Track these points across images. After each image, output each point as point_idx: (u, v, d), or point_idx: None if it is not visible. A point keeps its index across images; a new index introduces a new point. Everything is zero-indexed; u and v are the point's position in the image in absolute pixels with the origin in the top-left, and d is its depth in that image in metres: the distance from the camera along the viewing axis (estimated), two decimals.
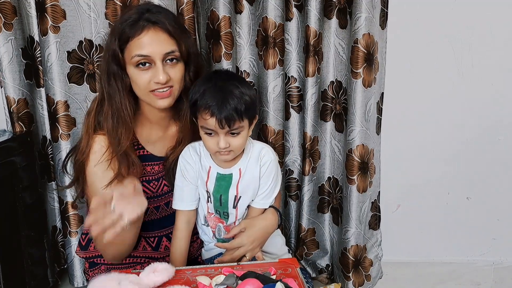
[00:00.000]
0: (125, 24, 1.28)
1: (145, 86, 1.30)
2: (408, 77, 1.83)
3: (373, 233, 1.91)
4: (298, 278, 1.23)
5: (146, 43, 1.27)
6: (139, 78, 1.30)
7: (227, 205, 1.39)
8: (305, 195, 1.86)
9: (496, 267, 2.04)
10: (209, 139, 1.29)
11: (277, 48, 1.71)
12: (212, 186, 1.37)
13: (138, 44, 1.27)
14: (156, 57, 1.28)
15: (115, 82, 1.32)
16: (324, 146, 1.85)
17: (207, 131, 1.28)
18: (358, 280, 1.87)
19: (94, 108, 1.37)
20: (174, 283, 1.20)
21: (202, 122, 1.27)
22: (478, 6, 1.77)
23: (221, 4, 1.66)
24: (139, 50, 1.27)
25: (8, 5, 1.61)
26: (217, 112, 1.23)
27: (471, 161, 1.93)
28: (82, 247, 1.51)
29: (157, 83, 1.29)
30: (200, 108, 1.26)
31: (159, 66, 1.28)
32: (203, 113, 1.25)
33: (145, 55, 1.28)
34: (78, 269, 1.83)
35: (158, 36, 1.28)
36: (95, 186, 1.34)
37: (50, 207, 1.82)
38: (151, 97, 1.32)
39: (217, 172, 1.37)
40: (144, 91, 1.31)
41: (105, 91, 1.34)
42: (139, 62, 1.29)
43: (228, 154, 1.31)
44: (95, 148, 1.34)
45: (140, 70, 1.29)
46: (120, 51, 1.29)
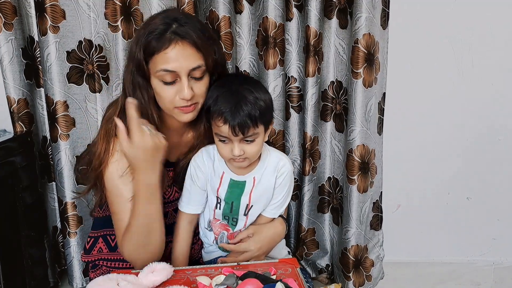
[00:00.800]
0: (152, 36, 1.22)
1: (170, 101, 1.26)
2: (408, 77, 1.83)
3: (374, 234, 1.91)
4: (298, 278, 1.23)
5: (172, 58, 1.22)
6: (163, 92, 1.26)
7: (238, 211, 1.37)
8: (305, 195, 1.86)
9: (496, 267, 2.04)
10: (223, 146, 1.26)
11: (278, 48, 1.71)
12: (224, 192, 1.35)
13: (165, 59, 1.22)
14: (182, 72, 1.23)
15: (140, 93, 1.27)
16: (324, 146, 1.85)
17: (221, 138, 1.25)
18: (359, 280, 1.87)
19: (115, 114, 1.30)
20: (174, 283, 1.20)
21: (216, 129, 1.24)
22: (478, 6, 1.77)
23: (220, 4, 1.66)
24: (165, 65, 1.22)
25: (8, 5, 1.61)
26: (230, 119, 1.20)
27: (471, 161, 1.93)
28: (86, 251, 1.50)
29: (182, 99, 1.25)
30: (213, 114, 1.23)
31: (184, 81, 1.23)
32: (217, 120, 1.22)
33: (171, 71, 1.23)
34: (77, 270, 1.82)
35: (185, 51, 1.22)
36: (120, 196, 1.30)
37: (51, 207, 1.82)
38: (176, 112, 1.28)
39: (231, 178, 1.34)
40: (169, 106, 1.27)
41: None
42: (164, 78, 1.24)
43: (243, 161, 1.28)
44: (116, 157, 1.29)
45: (166, 85, 1.25)
46: (145, 62, 1.25)
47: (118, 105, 1.32)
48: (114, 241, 1.45)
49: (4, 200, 1.58)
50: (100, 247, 1.48)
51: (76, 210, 1.77)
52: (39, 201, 1.75)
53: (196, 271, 1.27)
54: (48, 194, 1.81)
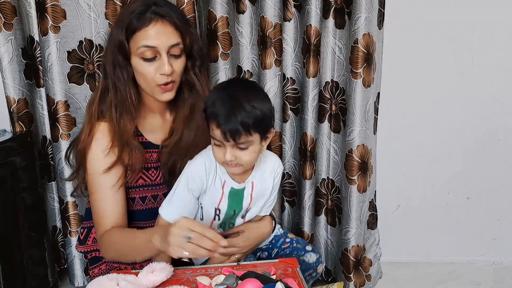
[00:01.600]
0: (132, 16, 1.30)
1: (151, 78, 1.33)
2: (408, 77, 1.83)
3: (371, 233, 1.91)
4: (298, 278, 1.23)
5: (153, 35, 1.30)
6: (144, 69, 1.32)
7: (237, 216, 1.37)
8: (307, 201, 1.84)
9: (496, 267, 2.04)
10: (217, 149, 1.25)
11: (274, 48, 1.70)
12: (226, 204, 1.33)
13: (145, 36, 1.30)
14: (162, 48, 1.31)
15: (120, 71, 1.35)
16: (320, 147, 1.85)
17: (216, 142, 1.24)
18: (359, 281, 1.87)
19: (97, 98, 1.39)
20: (174, 283, 1.20)
21: (211, 131, 1.24)
22: (478, 6, 1.77)
23: (218, 4, 1.66)
24: (145, 41, 1.30)
25: (8, 5, 1.61)
26: (223, 124, 1.19)
27: (471, 161, 1.93)
28: (80, 242, 1.52)
29: (162, 75, 1.32)
30: (209, 116, 1.22)
31: (164, 58, 1.31)
32: (211, 123, 1.22)
33: (152, 46, 1.30)
34: (78, 268, 1.83)
35: (165, 28, 1.31)
36: (95, 172, 1.35)
37: (50, 207, 1.82)
38: (157, 91, 1.35)
39: (232, 187, 1.32)
40: (150, 83, 1.34)
41: (110, 81, 1.36)
42: (145, 55, 1.31)
43: (236, 167, 1.26)
44: (98, 136, 1.35)
45: (146, 62, 1.32)
46: (126, 41, 1.32)
47: (98, 89, 1.39)
48: None
49: (4, 200, 1.58)
50: (94, 237, 1.49)
51: (77, 210, 1.78)
52: (39, 201, 1.75)
53: (196, 271, 1.27)
54: (48, 194, 1.81)
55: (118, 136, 1.35)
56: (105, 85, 1.38)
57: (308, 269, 1.43)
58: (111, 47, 1.35)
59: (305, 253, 1.45)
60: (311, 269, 1.44)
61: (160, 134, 1.45)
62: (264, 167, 1.36)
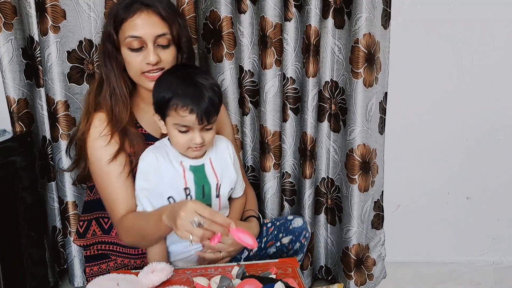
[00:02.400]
0: (120, 7, 1.34)
1: (137, 67, 1.35)
2: (408, 77, 1.83)
3: (376, 233, 1.91)
4: (298, 278, 1.24)
5: (138, 25, 1.32)
6: (131, 58, 1.35)
7: (210, 195, 1.37)
8: (307, 200, 1.84)
9: (496, 267, 2.04)
10: (181, 136, 1.26)
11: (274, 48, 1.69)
12: (192, 177, 1.34)
13: (131, 26, 1.32)
14: (148, 38, 1.32)
15: (110, 62, 1.38)
16: (319, 146, 1.85)
17: (182, 128, 1.25)
18: (360, 279, 1.87)
19: (93, 89, 1.43)
20: (174, 283, 1.21)
21: (178, 119, 1.24)
22: (478, 6, 1.77)
23: (222, 4, 1.66)
24: (131, 32, 1.32)
25: (8, 5, 1.61)
26: (197, 108, 1.21)
27: (471, 161, 1.93)
28: (79, 235, 1.52)
29: (148, 64, 1.34)
30: (176, 105, 1.22)
31: (150, 47, 1.33)
32: (181, 111, 1.22)
33: (137, 36, 1.32)
34: (78, 269, 1.82)
35: (150, 18, 1.33)
36: (99, 160, 1.37)
37: (50, 207, 1.82)
38: (143, 79, 1.37)
39: (190, 164, 1.34)
40: (137, 72, 1.36)
41: (102, 72, 1.40)
42: (132, 45, 1.33)
43: (200, 150, 1.30)
44: (95, 124, 1.38)
45: (133, 51, 1.34)
46: (115, 32, 1.35)
47: (95, 82, 1.44)
48: (107, 224, 1.49)
49: (4, 200, 1.58)
50: (94, 229, 1.51)
51: (77, 209, 1.77)
52: (39, 201, 1.75)
53: (196, 271, 1.28)
54: (48, 194, 1.81)
55: (115, 123, 1.38)
56: (101, 76, 1.42)
57: (301, 232, 1.51)
58: (103, 39, 1.39)
59: (290, 222, 1.53)
60: (304, 230, 1.51)
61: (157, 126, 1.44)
62: (215, 145, 1.40)
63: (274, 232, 1.54)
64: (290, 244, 1.52)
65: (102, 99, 1.40)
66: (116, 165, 1.36)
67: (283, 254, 1.53)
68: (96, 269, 1.52)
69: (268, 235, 1.55)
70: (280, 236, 1.53)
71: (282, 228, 1.54)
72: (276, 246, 1.54)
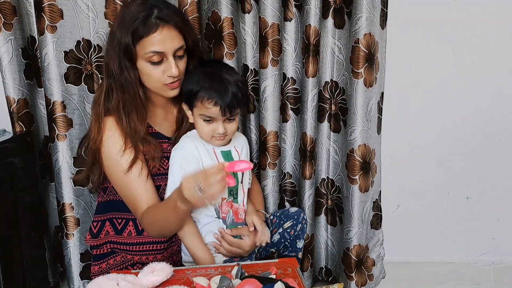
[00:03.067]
0: (137, 22, 1.35)
1: (159, 79, 1.39)
2: (408, 77, 1.83)
3: (374, 233, 1.91)
4: (298, 278, 1.23)
5: (160, 41, 1.35)
6: (152, 72, 1.39)
7: (238, 180, 1.44)
8: (307, 200, 1.84)
9: (496, 267, 2.04)
10: (205, 125, 1.38)
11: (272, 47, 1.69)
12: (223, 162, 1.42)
13: (153, 42, 1.35)
14: (169, 52, 1.37)
15: (128, 74, 1.39)
16: (319, 147, 1.85)
17: (207, 118, 1.37)
18: (361, 280, 1.87)
19: (102, 97, 1.44)
20: (174, 283, 1.20)
21: (203, 110, 1.36)
22: (478, 6, 1.77)
23: (223, 6, 1.66)
24: (153, 47, 1.36)
25: (8, 5, 1.61)
26: (221, 101, 1.33)
27: (471, 161, 1.93)
28: (93, 235, 1.54)
29: (170, 77, 1.39)
30: (202, 97, 1.35)
31: (171, 61, 1.38)
32: (206, 103, 1.34)
33: (160, 52, 1.36)
34: (75, 271, 1.79)
35: (170, 33, 1.37)
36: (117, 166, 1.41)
37: (52, 207, 1.82)
38: (165, 89, 1.42)
39: (220, 150, 1.44)
40: (157, 83, 1.41)
41: (116, 82, 1.40)
42: (152, 59, 1.37)
43: (223, 139, 1.41)
44: (108, 133, 1.41)
45: (153, 65, 1.38)
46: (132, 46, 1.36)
47: (102, 88, 1.44)
48: (120, 224, 1.51)
49: (4, 200, 1.57)
50: (107, 230, 1.53)
51: (73, 212, 1.74)
52: (39, 201, 1.74)
53: (196, 271, 1.28)
54: (50, 194, 1.81)
55: (131, 138, 1.41)
56: (110, 84, 1.42)
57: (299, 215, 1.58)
58: (116, 50, 1.38)
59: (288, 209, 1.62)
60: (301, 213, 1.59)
61: (167, 126, 1.52)
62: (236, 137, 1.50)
63: (276, 221, 1.59)
64: (292, 229, 1.56)
65: (113, 108, 1.42)
66: (133, 172, 1.40)
67: (287, 241, 1.57)
68: (104, 266, 1.53)
69: (273, 225, 1.59)
70: (282, 222, 1.58)
71: (282, 216, 1.59)
72: (279, 232, 1.57)
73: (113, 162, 1.41)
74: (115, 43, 1.37)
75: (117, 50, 1.37)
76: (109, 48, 1.41)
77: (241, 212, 1.46)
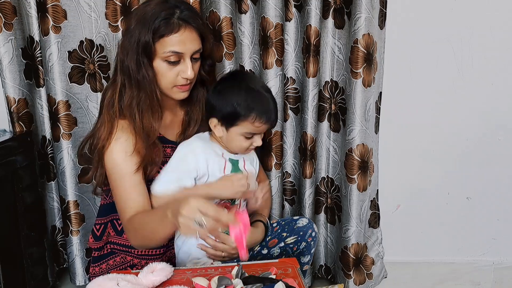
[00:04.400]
0: (158, 21, 1.32)
1: (172, 80, 1.38)
2: (408, 77, 1.83)
3: (373, 232, 1.91)
4: (298, 278, 1.24)
5: (180, 41, 1.34)
6: (167, 72, 1.37)
7: None
8: (307, 199, 1.85)
9: (496, 267, 2.04)
10: (245, 140, 1.39)
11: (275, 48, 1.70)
12: (230, 169, 1.43)
13: (174, 42, 1.34)
14: (187, 54, 1.36)
15: (146, 71, 1.36)
16: (319, 146, 1.85)
17: (249, 135, 1.38)
18: (359, 279, 1.88)
19: (116, 97, 1.39)
20: (174, 283, 1.20)
21: (250, 129, 1.36)
22: (478, 6, 1.77)
23: (222, 5, 1.66)
24: (174, 47, 1.34)
25: (8, 5, 1.61)
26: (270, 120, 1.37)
27: (471, 161, 1.93)
28: (96, 238, 1.53)
29: (184, 78, 1.38)
30: (253, 119, 1.34)
31: (188, 63, 1.36)
32: (257, 123, 1.35)
33: (179, 52, 1.35)
34: (80, 267, 1.83)
35: (191, 35, 1.36)
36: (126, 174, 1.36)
37: (50, 206, 1.82)
38: (174, 90, 1.41)
39: (229, 157, 1.44)
40: (169, 84, 1.39)
41: (132, 79, 1.37)
42: (170, 59, 1.35)
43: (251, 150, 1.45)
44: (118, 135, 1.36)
45: (170, 65, 1.36)
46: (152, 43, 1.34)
47: (116, 87, 1.39)
48: (121, 226, 1.49)
49: (4, 200, 1.58)
50: (109, 231, 1.52)
51: (79, 209, 1.78)
52: (39, 201, 1.75)
53: (196, 271, 1.28)
54: (48, 194, 1.82)
55: (144, 137, 1.37)
56: (123, 81, 1.38)
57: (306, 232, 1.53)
58: (134, 46, 1.34)
59: (295, 221, 1.56)
60: (309, 229, 1.54)
61: (173, 129, 1.50)
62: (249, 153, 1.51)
63: (278, 231, 1.56)
64: (295, 245, 1.53)
65: (126, 107, 1.38)
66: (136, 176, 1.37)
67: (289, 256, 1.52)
68: (104, 267, 1.53)
69: (273, 233, 1.56)
70: (284, 236, 1.54)
71: (287, 228, 1.55)
72: (279, 246, 1.54)
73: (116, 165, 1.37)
74: (134, 40, 1.34)
75: (135, 46, 1.34)
76: (126, 44, 1.36)
77: None
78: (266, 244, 1.54)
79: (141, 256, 1.50)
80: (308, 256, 1.55)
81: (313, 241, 1.54)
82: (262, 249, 1.55)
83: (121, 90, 1.39)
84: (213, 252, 1.41)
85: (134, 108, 1.37)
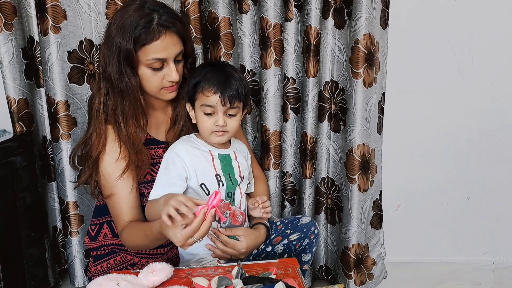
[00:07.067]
0: (139, 29, 1.32)
1: (158, 84, 1.40)
2: (408, 77, 1.83)
3: (375, 232, 1.91)
4: (298, 278, 1.24)
5: (163, 48, 1.35)
6: (152, 78, 1.39)
7: (237, 182, 1.45)
8: (307, 199, 1.85)
9: (496, 267, 2.04)
10: (206, 119, 1.39)
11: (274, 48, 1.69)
12: (219, 165, 1.43)
13: (156, 49, 1.34)
14: (170, 58, 1.37)
15: (129, 80, 1.37)
16: (320, 146, 1.85)
17: (207, 110, 1.37)
18: (360, 279, 1.88)
19: (101, 103, 1.42)
20: (174, 283, 1.21)
21: (204, 100, 1.37)
22: (478, 6, 1.77)
23: (220, 5, 1.66)
24: (156, 54, 1.35)
25: (8, 5, 1.61)
26: (221, 90, 1.35)
27: (471, 161, 1.93)
28: (91, 238, 1.55)
29: (170, 81, 1.40)
30: (203, 87, 1.36)
31: (172, 66, 1.38)
32: (206, 91, 1.36)
33: (162, 58, 1.36)
34: (79, 269, 1.82)
35: (173, 39, 1.37)
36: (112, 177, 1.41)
37: (51, 207, 1.82)
38: (162, 92, 1.43)
39: (218, 153, 1.45)
40: (155, 88, 1.41)
41: (114, 87, 1.38)
42: (154, 65, 1.36)
43: (223, 135, 1.41)
44: (108, 142, 1.41)
45: (154, 70, 1.38)
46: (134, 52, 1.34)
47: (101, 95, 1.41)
48: None
49: (4, 200, 1.58)
50: (105, 232, 1.54)
51: (78, 210, 1.77)
52: (39, 201, 1.75)
53: (196, 271, 1.28)
54: (48, 194, 1.81)
55: (130, 145, 1.41)
56: (107, 89, 1.40)
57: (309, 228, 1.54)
58: (115, 55, 1.35)
59: (299, 219, 1.57)
60: (312, 226, 1.55)
61: (163, 129, 1.52)
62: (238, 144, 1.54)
63: (282, 229, 1.57)
64: (299, 242, 1.54)
65: (110, 114, 1.41)
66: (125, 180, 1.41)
67: (292, 253, 1.55)
68: (105, 265, 1.53)
69: (277, 231, 1.57)
70: (288, 233, 1.55)
71: (290, 225, 1.56)
72: (283, 243, 1.55)
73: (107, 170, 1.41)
74: (114, 49, 1.34)
75: (117, 56, 1.34)
76: (107, 53, 1.37)
77: (239, 215, 1.44)
78: (270, 242, 1.55)
79: (142, 255, 1.51)
80: (309, 255, 1.56)
81: (315, 239, 1.55)
82: (267, 247, 1.55)
83: (106, 97, 1.41)
84: (221, 254, 1.42)
85: (118, 115, 1.40)
